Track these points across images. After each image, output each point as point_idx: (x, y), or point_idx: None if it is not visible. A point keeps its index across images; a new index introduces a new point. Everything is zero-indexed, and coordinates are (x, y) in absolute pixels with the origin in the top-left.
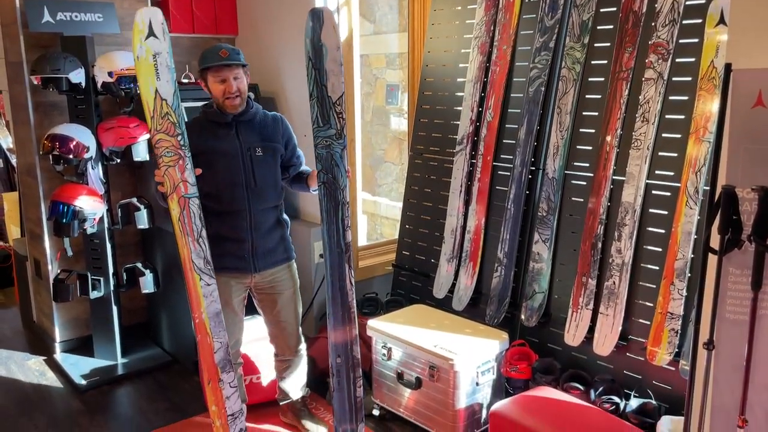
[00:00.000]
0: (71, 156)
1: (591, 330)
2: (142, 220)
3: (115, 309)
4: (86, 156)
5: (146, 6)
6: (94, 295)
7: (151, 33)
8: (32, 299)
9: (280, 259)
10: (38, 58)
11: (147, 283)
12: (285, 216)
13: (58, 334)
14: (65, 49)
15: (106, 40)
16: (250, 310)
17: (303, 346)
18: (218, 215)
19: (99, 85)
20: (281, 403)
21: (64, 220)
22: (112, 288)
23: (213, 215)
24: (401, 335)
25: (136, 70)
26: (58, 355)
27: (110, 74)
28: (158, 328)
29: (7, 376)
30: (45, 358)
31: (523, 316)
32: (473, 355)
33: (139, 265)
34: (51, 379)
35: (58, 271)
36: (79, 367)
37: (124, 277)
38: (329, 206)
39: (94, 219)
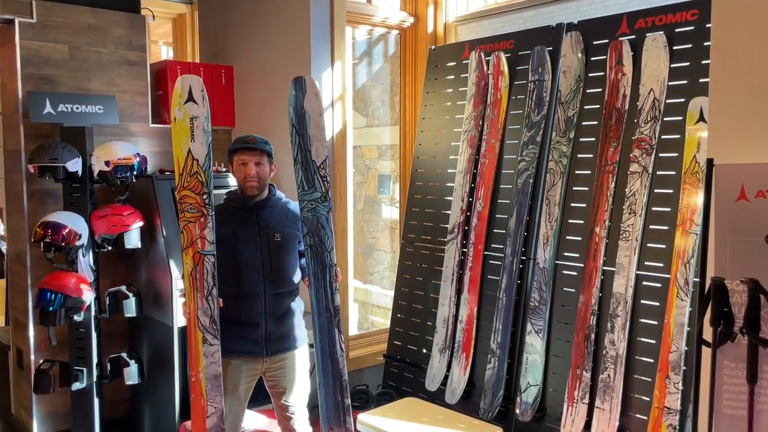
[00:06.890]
0: (63, 243)
1: (588, 425)
2: (131, 308)
3: (96, 402)
4: (78, 243)
5: (147, 99)
6: (75, 386)
7: (190, 98)
8: (12, 391)
9: (292, 344)
10: (37, 147)
11: (131, 375)
12: (300, 301)
13: (36, 428)
14: (64, 139)
15: (105, 130)
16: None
17: (309, 430)
18: (234, 298)
19: (95, 173)
20: None
21: (51, 308)
22: (95, 379)
23: (229, 298)
24: (393, 431)
25: (172, 129)
26: None
27: (107, 163)
28: (141, 422)
29: None
30: None
31: (517, 411)
32: None
33: (125, 355)
34: None
35: (41, 362)
36: None
37: (108, 368)
38: (316, 269)
39: (82, 307)
